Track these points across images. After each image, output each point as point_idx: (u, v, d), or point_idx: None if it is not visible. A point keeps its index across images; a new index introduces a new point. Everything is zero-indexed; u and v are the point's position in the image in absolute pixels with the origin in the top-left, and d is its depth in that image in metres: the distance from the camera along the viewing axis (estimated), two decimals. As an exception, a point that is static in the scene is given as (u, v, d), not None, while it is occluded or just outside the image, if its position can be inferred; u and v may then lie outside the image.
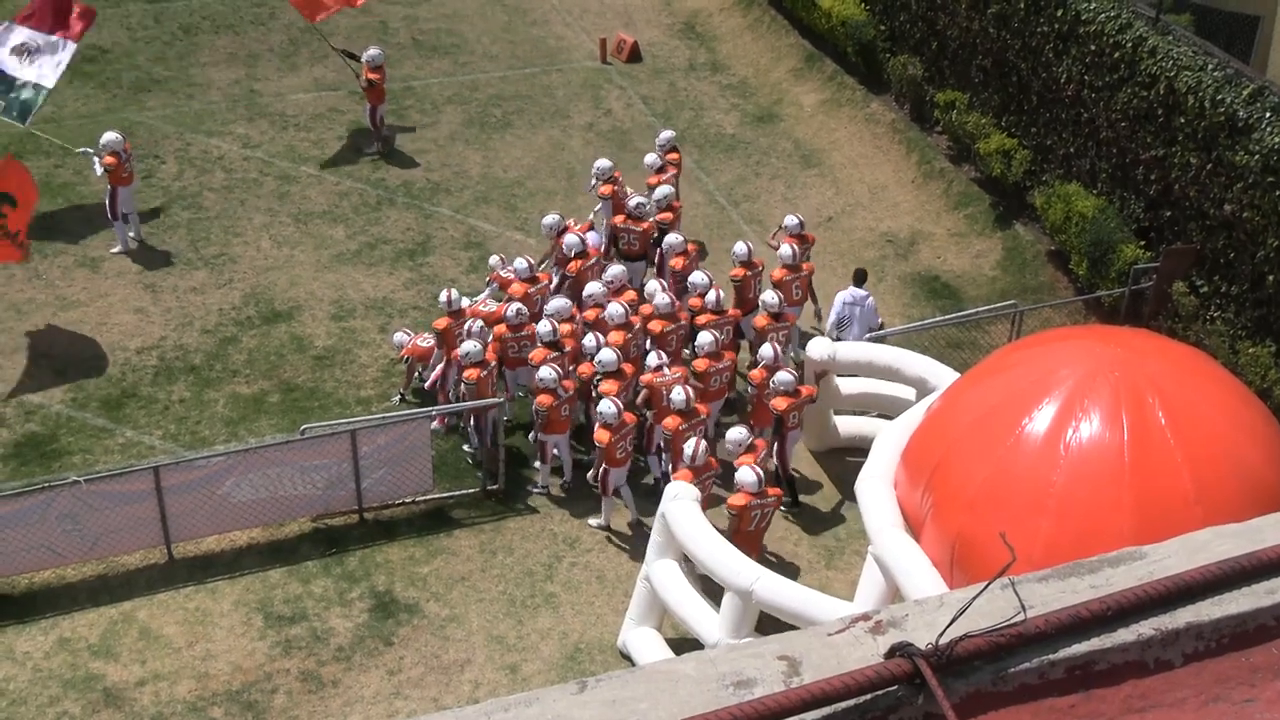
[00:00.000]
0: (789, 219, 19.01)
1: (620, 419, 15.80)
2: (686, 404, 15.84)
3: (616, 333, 16.93)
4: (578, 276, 18.44)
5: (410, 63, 26.10)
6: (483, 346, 16.69)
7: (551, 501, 16.87)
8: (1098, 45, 19.50)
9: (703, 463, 15.25)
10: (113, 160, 20.25)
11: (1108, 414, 11.55)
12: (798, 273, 18.41)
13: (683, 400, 15.79)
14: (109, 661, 14.63)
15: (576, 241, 18.60)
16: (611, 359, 16.33)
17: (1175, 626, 3.03)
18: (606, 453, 15.81)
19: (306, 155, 23.19)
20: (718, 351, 16.90)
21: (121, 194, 20.49)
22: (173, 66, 25.59)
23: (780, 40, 26.79)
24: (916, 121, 23.75)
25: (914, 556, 12.34)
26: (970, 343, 18.58)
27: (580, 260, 18.49)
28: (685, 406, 15.84)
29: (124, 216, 20.67)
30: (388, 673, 14.60)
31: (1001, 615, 2.98)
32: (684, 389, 15.93)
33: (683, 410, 15.85)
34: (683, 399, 15.82)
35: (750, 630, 13.45)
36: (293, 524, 16.35)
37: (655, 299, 17.38)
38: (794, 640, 3.02)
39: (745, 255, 18.53)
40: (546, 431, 16.59)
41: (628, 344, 16.97)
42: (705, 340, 16.89)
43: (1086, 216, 19.11)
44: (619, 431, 15.84)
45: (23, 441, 17.24)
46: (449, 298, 17.47)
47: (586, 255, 18.57)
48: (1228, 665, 3.05)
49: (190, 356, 18.76)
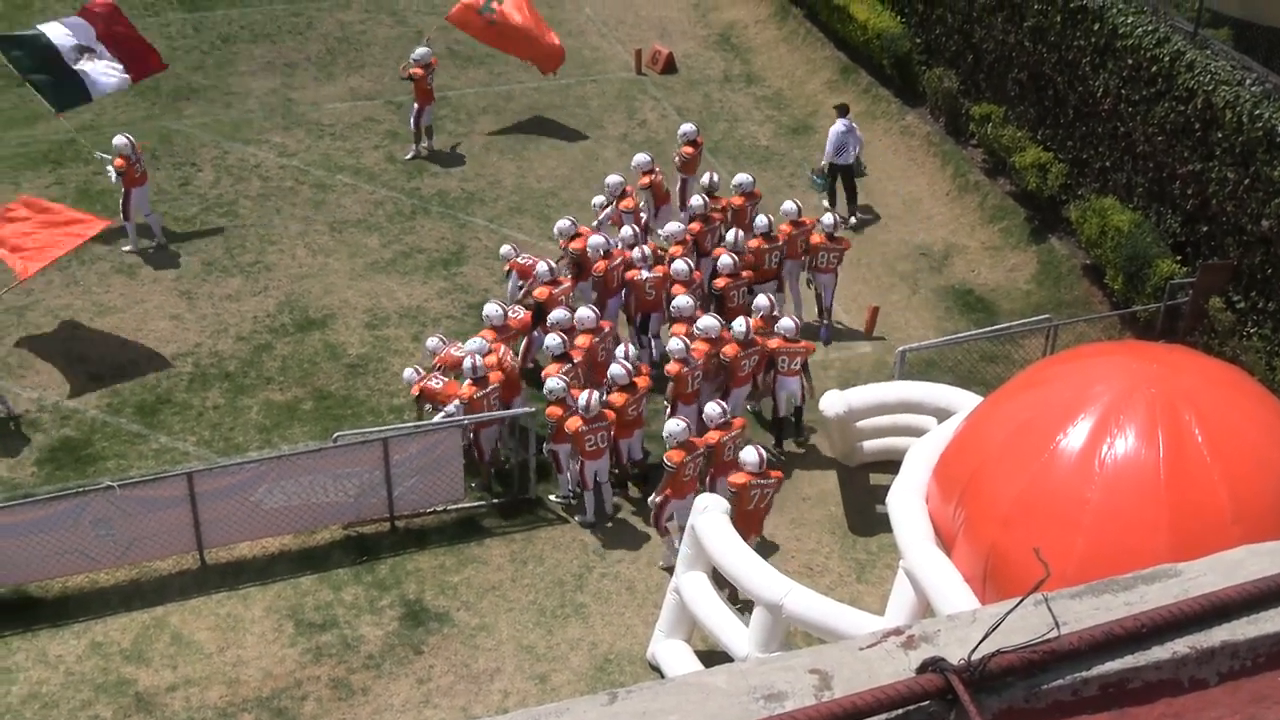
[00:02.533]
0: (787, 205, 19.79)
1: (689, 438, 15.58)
2: (759, 465, 15.24)
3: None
4: (605, 278, 18.55)
5: (446, 72, 26.19)
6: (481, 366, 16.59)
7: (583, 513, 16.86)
8: (1135, 59, 19.41)
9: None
10: (122, 162, 20.54)
11: (1143, 430, 11.46)
12: (774, 243, 19.07)
13: (755, 461, 15.25)
14: (141, 666, 14.70)
15: (602, 242, 18.66)
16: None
17: (1210, 645, 3.01)
18: (674, 478, 15.43)
19: (342, 164, 23.31)
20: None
21: (135, 195, 20.76)
22: (211, 75, 25.78)
23: (816, 52, 26.77)
24: (952, 134, 23.68)
25: (946, 571, 12.26)
26: (1004, 357, 18.50)
27: (606, 261, 18.55)
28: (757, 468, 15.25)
29: (145, 217, 20.96)
30: (417, 681, 14.62)
31: (1035, 631, 2.96)
32: (756, 450, 15.37)
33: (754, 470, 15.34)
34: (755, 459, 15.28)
35: (780, 644, 13.40)
36: (324, 531, 16.41)
37: (782, 323, 17.48)
38: (825, 654, 3.01)
39: (795, 214, 19.53)
40: (555, 441, 16.63)
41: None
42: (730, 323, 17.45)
43: (1122, 231, 19.01)
44: (689, 451, 15.53)
45: (58, 446, 17.37)
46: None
47: (611, 256, 18.62)
48: (1264, 684, 3.02)
49: (225, 363, 18.86)
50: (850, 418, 16.75)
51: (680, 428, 15.50)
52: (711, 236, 19.62)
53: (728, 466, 15.66)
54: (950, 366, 18.33)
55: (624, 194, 20.04)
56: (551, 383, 16.23)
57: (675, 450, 15.46)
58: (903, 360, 17.52)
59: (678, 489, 15.50)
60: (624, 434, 16.78)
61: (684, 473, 15.46)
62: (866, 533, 16.71)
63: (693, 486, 15.60)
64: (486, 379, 16.62)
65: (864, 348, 19.79)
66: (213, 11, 27.92)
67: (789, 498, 17.17)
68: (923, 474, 13.44)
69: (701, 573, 14.26)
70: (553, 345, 16.81)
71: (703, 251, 19.31)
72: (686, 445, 15.50)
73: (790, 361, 17.30)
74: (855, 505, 17.13)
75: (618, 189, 20.02)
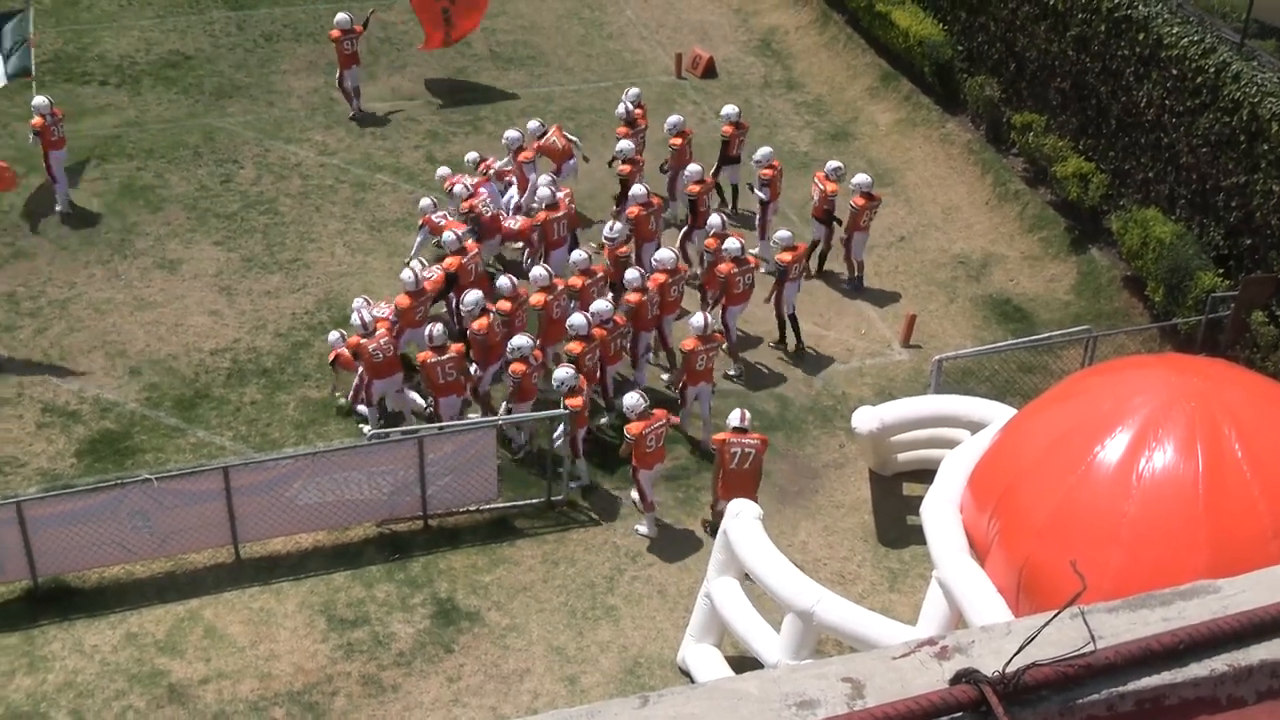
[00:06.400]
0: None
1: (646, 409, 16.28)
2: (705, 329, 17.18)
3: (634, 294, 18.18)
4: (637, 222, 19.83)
5: (487, 74, 26.28)
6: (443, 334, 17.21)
7: (615, 515, 16.89)
8: (1180, 70, 19.27)
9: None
10: (40, 121, 21.08)
11: (1182, 444, 11.38)
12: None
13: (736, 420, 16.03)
14: (174, 658, 14.80)
15: (643, 192, 20.06)
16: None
17: (1249, 663, 2.98)
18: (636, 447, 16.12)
19: (382, 163, 23.41)
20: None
21: (53, 157, 21.35)
22: (254, 73, 25.93)
23: (856, 59, 26.70)
24: (992, 143, 23.57)
25: (979, 583, 12.21)
26: (1042, 367, 18.39)
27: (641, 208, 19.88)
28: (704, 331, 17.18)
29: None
30: (447, 679, 14.66)
31: (1070, 645, 2.94)
32: (704, 314, 17.53)
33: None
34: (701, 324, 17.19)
35: (811, 652, 13.37)
36: (358, 528, 16.48)
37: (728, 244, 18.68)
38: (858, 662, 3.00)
39: (867, 186, 20.62)
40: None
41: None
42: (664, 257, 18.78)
43: (1164, 242, 18.87)
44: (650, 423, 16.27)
45: (97, 438, 17.51)
46: (415, 276, 18.09)
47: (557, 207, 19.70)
48: (1303, 704, 3.00)
49: (263, 359, 18.97)
50: (883, 433, 16.70)
51: (636, 400, 16.02)
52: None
53: (699, 376, 17.38)
54: (987, 376, 18.24)
55: (520, 148, 21.20)
56: (560, 373, 16.46)
57: (635, 422, 15.92)
58: (939, 369, 17.44)
59: (643, 460, 16.01)
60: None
61: (645, 444, 15.92)
62: (900, 542, 16.65)
63: (659, 456, 16.25)
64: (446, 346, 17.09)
65: (900, 356, 19.72)
66: (256, 10, 28.09)
67: (822, 505, 17.15)
68: (957, 484, 13.39)
69: (733, 578, 14.24)
70: (578, 324, 17.19)
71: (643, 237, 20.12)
72: (646, 416, 15.95)
73: (800, 268, 19.24)
74: (889, 514, 17.06)
75: (515, 143, 21.16)
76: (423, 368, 17.07)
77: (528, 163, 21.02)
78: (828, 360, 19.61)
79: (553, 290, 17.96)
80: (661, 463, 16.47)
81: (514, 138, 21.26)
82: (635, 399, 16.08)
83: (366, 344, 17.08)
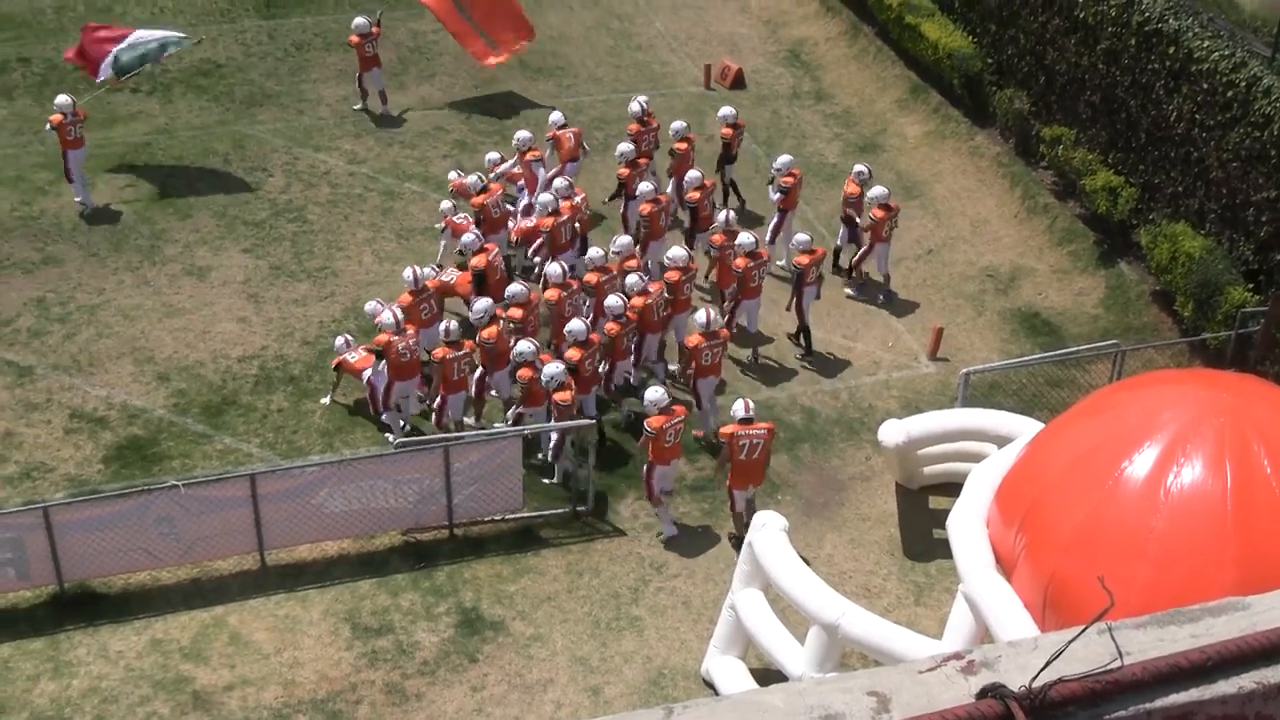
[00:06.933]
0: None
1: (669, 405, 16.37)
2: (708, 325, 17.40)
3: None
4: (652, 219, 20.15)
5: (516, 84, 26.35)
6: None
7: (639, 525, 16.88)
8: (1210, 84, 19.19)
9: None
10: (59, 119, 21.31)
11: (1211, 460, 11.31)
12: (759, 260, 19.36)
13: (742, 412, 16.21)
14: (199, 665, 14.85)
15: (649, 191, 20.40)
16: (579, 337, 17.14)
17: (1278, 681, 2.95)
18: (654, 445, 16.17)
19: (410, 172, 23.48)
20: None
21: (71, 156, 21.57)
22: (284, 82, 26.06)
23: (886, 70, 26.67)
24: (1021, 156, 23.51)
25: (1006, 597, 12.16)
26: (1070, 381, 18.31)
27: (652, 205, 20.17)
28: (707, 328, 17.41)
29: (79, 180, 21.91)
30: (471, 689, 14.67)
31: (1097, 661, 2.92)
32: (707, 311, 17.66)
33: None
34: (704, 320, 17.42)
35: (836, 665, 13.32)
36: (383, 536, 16.51)
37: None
38: (884, 676, 2.98)
39: (884, 198, 20.64)
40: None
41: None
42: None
43: (1193, 257, 18.78)
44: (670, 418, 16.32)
45: (125, 444, 17.60)
46: (414, 275, 18.26)
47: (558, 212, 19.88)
48: (1333, 723, 2.97)
49: (290, 367, 19.04)
50: (909, 447, 16.65)
51: (659, 395, 16.13)
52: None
53: (707, 371, 17.59)
54: (1014, 390, 18.16)
55: (530, 149, 21.42)
56: (551, 368, 16.57)
57: (656, 417, 15.99)
58: (966, 382, 17.38)
59: (660, 455, 16.08)
60: (582, 390, 17.43)
61: (664, 439, 15.97)
62: (926, 556, 16.59)
63: (676, 452, 16.29)
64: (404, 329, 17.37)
65: (927, 369, 19.67)
66: (288, 19, 28.24)
67: (848, 518, 17.11)
68: (984, 498, 13.34)
69: (758, 590, 14.21)
70: (614, 306, 17.63)
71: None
72: (667, 411, 16.04)
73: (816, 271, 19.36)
74: (915, 527, 17.00)
75: (525, 144, 21.38)
76: (437, 362, 17.07)
77: (535, 161, 21.27)
78: (855, 372, 19.58)
79: (567, 287, 18.22)
80: (678, 458, 16.55)
81: (524, 138, 21.47)
82: (659, 393, 16.22)
83: (396, 342, 17.17)
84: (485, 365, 17.50)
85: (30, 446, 17.50)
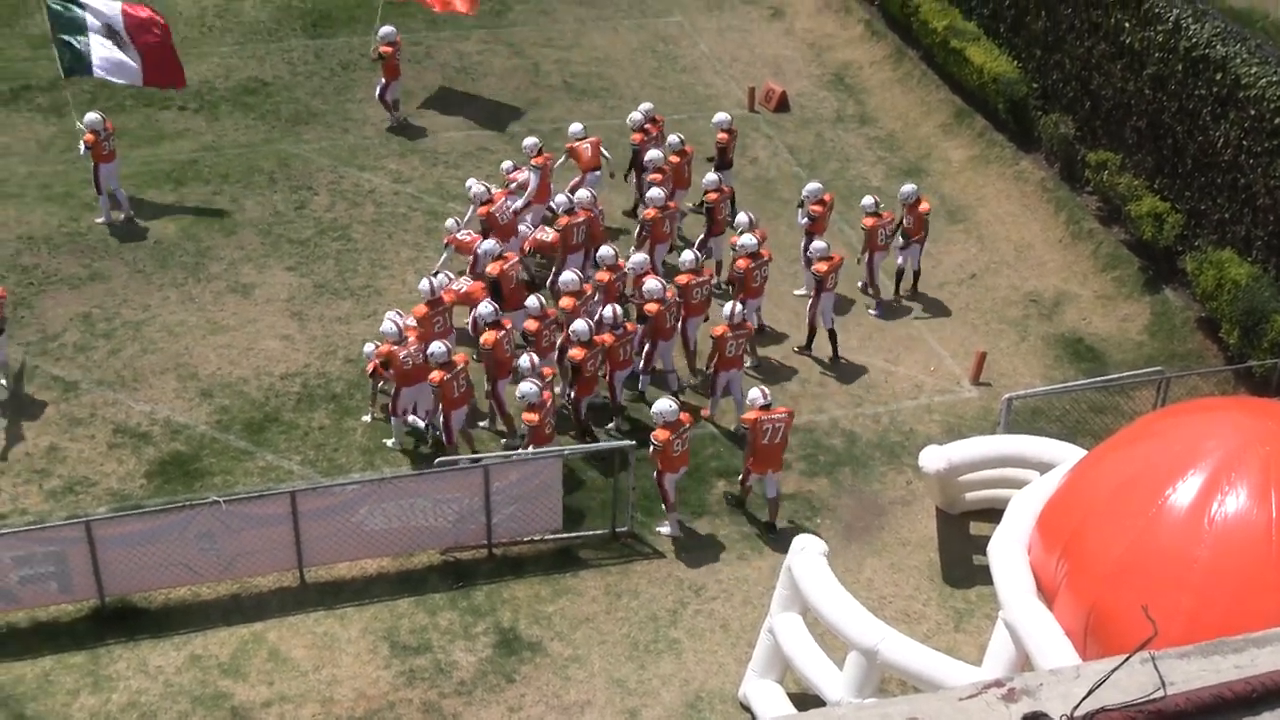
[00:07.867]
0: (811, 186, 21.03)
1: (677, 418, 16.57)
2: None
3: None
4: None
5: (561, 105, 26.44)
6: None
7: (678, 547, 16.85)
8: (1258, 110, 19.05)
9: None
10: (92, 138, 21.61)
11: (1256, 489, 11.17)
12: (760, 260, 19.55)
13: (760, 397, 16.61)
14: (238, 681, 14.91)
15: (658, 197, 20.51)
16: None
17: (1324, 713, 2.91)
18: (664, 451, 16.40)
19: (455, 192, 23.57)
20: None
21: (103, 170, 21.85)
22: (330, 101, 26.26)
23: (930, 95, 26.62)
24: (1066, 181, 23.39)
25: (1047, 625, 12.04)
26: (1113, 408, 18.17)
27: (568, 217, 20.20)
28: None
29: (113, 190, 22.04)
30: (508, 709, 14.65)
31: (1140, 690, 2.89)
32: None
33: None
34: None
35: (874, 690, 13.24)
36: (422, 555, 16.55)
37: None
38: (923, 702, 2.96)
39: (872, 207, 20.83)
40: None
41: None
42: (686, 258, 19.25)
43: (1239, 284, 18.62)
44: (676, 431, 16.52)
45: (167, 460, 17.72)
46: (430, 285, 18.45)
47: (574, 214, 20.14)
48: (1380, 758, 2.92)
49: (332, 385, 19.14)
50: (951, 473, 16.55)
51: (668, 406, 16.38)
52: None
53: (729, 363, 18.03)
54: (1058, 416, 18.04)
55: (539, 152, 21.52)
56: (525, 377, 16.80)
57: (662, 430, 16.24)
58: (1009, 408, 17.28)
59: (669, 464, 16.41)
60: (584, 391, 17.76)
61: (672, 449, 16.27)
62: (966, 581, 16.48)
63: (684, 460, 16.78)
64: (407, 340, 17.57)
65: (969, 393, 19.57)
66: (334, 39, 28.47)
67: (888, 542, 17.02)
68: (1025, 524, 13.23)
69: (797, 614, 14.15)
70: (580, 330, 17.64)
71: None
72: (673, 424, 16.28)
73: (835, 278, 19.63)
74: (955, 553, 16.90)
75: (531, 150, 21.45)
76: (436, 386, 17.05)
77: (534, 167, 21.32)
78: (896, 396, 19.50)
79: (581, 295, 18.42)
80: (686, 466, 16.87)
81: (531, 144, 21.64)
82: (667, 404, 16.46)
83: (397, 351, 17.38)
84: (487, 372, 17.69)
85: (74, 461, 17.65)
